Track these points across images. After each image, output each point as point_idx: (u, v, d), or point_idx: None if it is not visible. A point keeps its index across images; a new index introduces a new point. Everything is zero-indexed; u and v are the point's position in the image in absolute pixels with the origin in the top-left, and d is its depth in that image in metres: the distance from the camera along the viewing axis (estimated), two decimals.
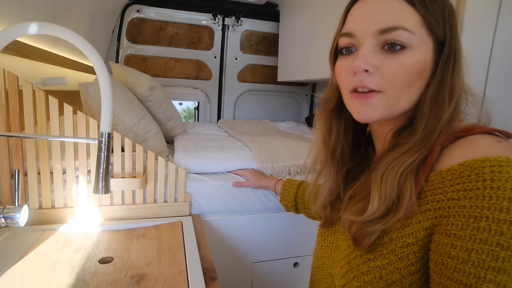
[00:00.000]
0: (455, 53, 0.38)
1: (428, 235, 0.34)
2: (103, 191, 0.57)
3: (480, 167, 0.31)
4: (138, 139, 1.19)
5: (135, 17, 2.24)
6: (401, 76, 0.38)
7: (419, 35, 0.37)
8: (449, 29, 0.38)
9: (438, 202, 0.33)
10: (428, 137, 0.38)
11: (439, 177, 0.34)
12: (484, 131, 0.36)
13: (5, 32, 0.46)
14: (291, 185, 0.88)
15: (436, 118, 0.38)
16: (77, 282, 0.63)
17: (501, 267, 0.27)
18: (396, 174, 0.38)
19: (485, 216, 0.29)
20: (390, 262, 0.37)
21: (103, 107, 0.52)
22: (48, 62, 1.21)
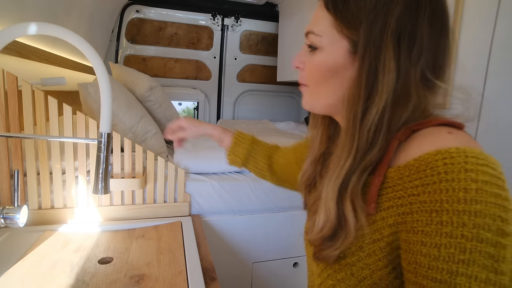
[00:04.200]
0: (376, 52, 0.36)
1: (393, 232, 0.34)
2: (103, 191, 0.56)
3: (433, 161, 0.31)
4: (138, 139, 1.18)
5: (134, 17, 2.24)
6: (314, 73, 0.43)
7: (327, 37, 0.40)
8: (367, 29, 0.37)
9: (399, 199, 0.34)
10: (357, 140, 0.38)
11: (397, 173, 0.34)
12: (437, 123, 0.36)
13: (4, 32, 0.46)
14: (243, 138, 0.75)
15: (355, 119, 0.38)
16: (77, 282, 0.63)
17: (470, 258, 0.27)
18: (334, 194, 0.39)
19: (445, 209, 0.29)
20: (359, 258, 0.37)
21: (103, 108, 0.52)
22: (47, 63, 1.21)
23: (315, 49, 0.42)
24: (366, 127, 0.37)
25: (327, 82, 0.42)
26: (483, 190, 0.29)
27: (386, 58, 0.36)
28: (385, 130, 0.37)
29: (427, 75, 0.38)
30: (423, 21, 0.36)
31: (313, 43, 0.42)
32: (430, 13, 0.36)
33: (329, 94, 0.42)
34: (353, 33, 0.38)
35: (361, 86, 0.37)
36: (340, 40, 0.40)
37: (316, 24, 0.42)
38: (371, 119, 0.36)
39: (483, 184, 0.29)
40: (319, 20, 0.41)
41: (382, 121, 0.36)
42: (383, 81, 0.36)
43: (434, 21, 0.37)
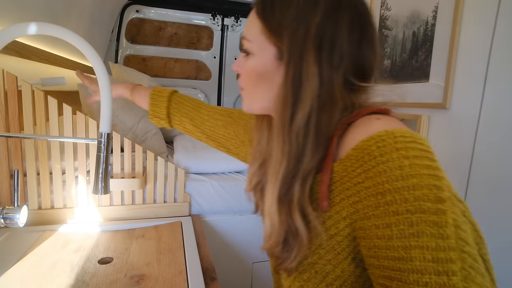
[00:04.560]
0: (299, 59, 0.38)
1: (348, 224, 0.35)
2: (103, 191, 0.56)
3: (368, 147, 0.33)
4: (138, 139, 1.18)
5: (134, 17, 2.24)
6: (248, 77, 0.45)
7: (257, 43, 0.42)
8: (290, 36, 0.38)
9: (348, 190, 0.35)
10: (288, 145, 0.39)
11: (341, 166, 0.36)
12: (367, 113, 0.38)
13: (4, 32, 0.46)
14: (160, 97, 0.72)
15: (284, 124, 0.39)
16: (77, 282, 0.63)
17: (418, 230, 0.29)
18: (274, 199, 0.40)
19: (387, 189, 0.31)
20: (320, 256, 0.38)
21: (103, 108, 0.52)
22: (47, 63, 1.21)
23: (247, 55, 0.44)
24: (294, 132, 0.38)
25: (259, 86, 0.44)
26: (416, 164, 0.30)
27: (308, 65, 0.37)
28: (314, 134, 0.38)
29: (350, 80, 0.39)
30: (342, 29, 0.38)
31: (246, 48, 0.44)
32: (348, 21, 0.38)
33: (263, 97, 0.44)
34: (278, 40, 0.40)
35: (287, 92, 0.39)
36: (268, 46, 0.41)
37: (248, 30, 0.43)
38: (298, 124, 0.38)
39: (414, 159, 0.31)
40: (251, 26, 0.43)
41: (309, 125, 0.38)
42: (306, 87, 0.37)
43: (353, 29, 0.39)
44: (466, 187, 0.75)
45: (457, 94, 0.79)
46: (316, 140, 0.38)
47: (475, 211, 0.78)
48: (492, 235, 0.70)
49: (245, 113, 0.65)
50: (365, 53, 0.40)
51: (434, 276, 0.28)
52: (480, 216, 0.73)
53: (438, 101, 0.83)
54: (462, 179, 0.76)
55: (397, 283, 0.30)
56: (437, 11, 0.84)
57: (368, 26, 0.41)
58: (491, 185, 0.70)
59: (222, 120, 0.69)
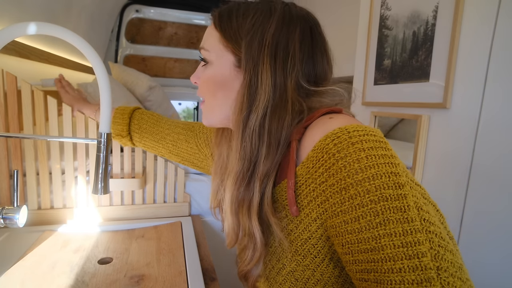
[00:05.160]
0: (255, 66, 0.40)
1: (319, 225, 0.36)
2: (102, 191, 0.56)
3: (325, 145, 0.34)
4: None
5: (134, 17, 2.23)
6: (205, 87, 0.47)
7: (215, 52, 0.44)
8: (247, 45, 0.41)
9: (313, 191, 0.35)
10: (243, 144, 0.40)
11: (304, 168, 0.37)
12: (321, 114, 0.39)
13: (3, 32, 0.46)
14: (122, 114, 0.73)
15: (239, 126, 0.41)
16: (77, 282, 0.62)
17: (384, 218, 0.30)
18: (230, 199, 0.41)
19: (350, 184, 0.32)
20: (298, 263, 0.38)
21: (102, 108, 0.52)
22: (46, 62, 1.21)
23: (205, 64, 0.46)
24: (248, 134, 0.40)
25: (217, 94, 0.45)
26: (371, 155, 0.32)
27: (263, 71, 0.40)
28: (267, 135, 0.40)
29: (301, 84, 0.42)
30: (294, 38, 0.41)
31: (205, 57, 0.46)
32: (299, 32, 0.42)
33: (222, 107, 0.46)
34: (236, 48, 0.42)
35: (244, 97, 0.41)
36: (226, 54, 0.44)
37: (206, 40, 0.46)
38: (252, 126, 0.40)
39: (370, 150, 0.32)
40: (209, 36, 0.46)
41: (262, 127, 0.40)
42: (261, 91, 0.40)
43: (304, 39, 0.42)
44: (466, 187, 0.75)
45: (457, 94, 0.79)
46: (269, 142, 0.40)
47: (475, 211, 0.78)
48: (492, 235, 0.70)
49: (206, 127, 0.67)
50: (317, 61, 0.43)
51: (406, 261, 0.28)
52: (480, 216, 0.73)
53: (438, 101, 0.83)
54: (462, 179, 0.76)
55: (373, 274, 0.30)
56: (437, 11, 0.84)
57: (318, 36, 0.44)
58: (491, 185, 0.70)
59: (184, 134, 0.69)
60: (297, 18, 0.43)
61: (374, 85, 1.09)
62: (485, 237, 0.71)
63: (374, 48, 1.10)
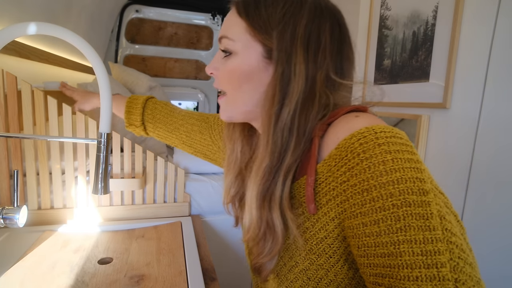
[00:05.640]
0: (288, 58, 0.39)
1: (337, 224, 0.35)
2: (102, 191, 0.56)
3: (350, 144, 0.33)
4: (137, 139, 1.18)
5: (134, 17, 2.23)
6: (226, 79, 0.44)
7: (241, 42, 0.42)
8: (279, 36, 0.39)
9: (334, 190, 0.35)
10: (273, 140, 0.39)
11: (325, 166, 0.36)
12: (345, 112, 0.39)
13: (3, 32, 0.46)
14: (135, 104, 0.72)
15: (270, 121, 0.40)
16: (76, 283, 0.62)
17: (405, 224, 0.29)
18: (256, 194, 0.40)
19: (373, 186, 0.31)
20: (311, 262, 0.38)
21: (102, 108, 0.52)
22: (46, 63, 1.21)
23: (230, 54, 0.44)
24: (280, 127, 0.39)
25: (242, 87, 0.43)
26: (398, 158, 0.31)
27: (296, 63, 0.39)
28: (297, 129, 0.39)
29: (330, 77, 0.41)
30: (325, 31, 0.40)
31: (227, 48, 0.43)
32: (330, 25, 0.41)
33: (246, 100, 0.44)
34: (265, 38, 0.40)
35: (275, 90, 0.40)
36: (254, 44, 0.42)
37: (229, 29, 0.43)
38: (284, 119, 0.39)
39: (396, 153, 0.31)
40: (232, 25, 0.43)
41: (294, 120, 0.39)
42: (294, 84, 0.39)
43: (334, 32, 0.41)
44: (466, 187, 0.75)
45: (457, 94, 0.79)
46: (297, 135, 0.39)
47: (475, 210, 0.79)
48: (492, 235, 0.70)
49: (221, 119, 0.65)
50: (344, 54, 0.43)
51: (424, 270, 0.28)
52: (480, 216, 0.73)
53: (438, 101, 0.83)
54: (462, 179, 0.76)
55: (388, 280, 0.29)
56: (437, 11, 0.84)
57: (345, 29, 0.43)
58: (491, 185, 0.70)
59: (198, 125, 0.68)
60: (327, 10, 0.42)
61: (374, 85, 1.09)
62: (485, 237, 0.71)
63: (374, 48, 1.10)
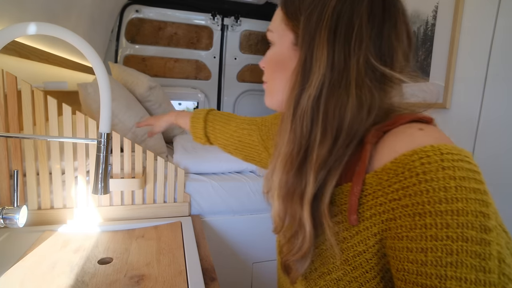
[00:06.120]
0: (310, 42, 0.37)
1: (378, 240, 0.33)
2: (102, 191, 0.56)
3: (410, 162, 0.30)
4: (137, 139, 1.18)
5: (134, 17, 2.23)
6: (266, 68, 0.46)
7: (278, 32, 0.43)
8: (305, 20, 0.37)
9: (381, 206, 0.32)
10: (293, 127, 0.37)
11: (375, 178, 0.33)
12: (407, 121, 0.35)
13: (3, 32, 0.46)
14: (198, 119, 0.76)
15: (290, 106, 0.38)
16: (76, 283, 0.62)
17: (457, 260, 0.27)
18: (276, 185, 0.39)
19: (428, 211, 0.28)
20: (346, 272, 0.35)
21: (102, 108, 0.52)
22: (46, 63, 1.21)
23: (271, 46, 0.45)
24: (300, 114, 0.37)
25: (277, 75, 0.44)
26: (462, 186, 0.28)
27: (318, 46, 0.36)
28: (323, 118, 0.36)
29: (372, 64, 0.36)
30: (359, 10, 0.35)
31: (269, 40, 0.45)
32: (368, 3, 0.36)
33: (279, 89, 0.43)
34: (295, 25, 0.40)
35: (297, 75, 0.38)
36: (286, 33, 0.41)
37: (272, 22, 0.44)
38: (304, 106, 0.36)
39: (461, 181, 0.28)
40: (275, 18, 0.44)
41: (317, 108, 0.36)
42: (315, 69, 0.36)
43: (374, 10, 0.36)
44: None
45: (457, 94, 0.79)
46: (324, 127, 0.36)
47: None
48: None
49: (268, 119, 0.67)
50: (391, 39, 0.37)
51: None
52: None
53: (438, 101, 0.83)
54: None
55: None
56: (437, 11, 0.84)
57: (393, 8, 0.37)
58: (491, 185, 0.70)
59: (247, 128, 0.70)
60: None
61: None
62: None
63: None
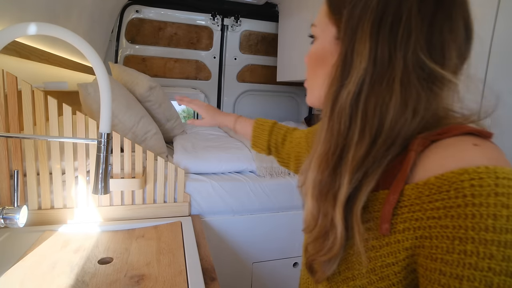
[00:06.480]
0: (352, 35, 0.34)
1: (409, 255, 0.31)
2: (103, 191, 0.56)
3: (458, 181, 0.27)
4: (138, 139, 1.18)
5: (134, 18, 2.24)
6: (307, 64, 0.44)
7: (320, 26, 0.41)
8: (348, 13, 0.35)
9: (417, 221, 0.30)
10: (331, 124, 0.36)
11: (415, 191, 0.31)
12: (461, 132, 0.32)
13: (4, 32, 0.46)
14: (262, 130, 0.76)
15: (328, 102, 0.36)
16: (77, 282, 0.62)
17: None
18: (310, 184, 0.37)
19: (471, 238, 0.26)
20: (371, 281, 0.34)
21: (102, 108, 0.52)
22: (47, 63, 1.21)
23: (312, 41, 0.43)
24: (338, 112, 0.35)
25: (317, 71, 0.42)
26: None
27: (360, 40, 0.33)
28: (362, 117, 0.33)
29: (421, 58, 0.32)
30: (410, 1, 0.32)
31: (313, 33, 0.43)
32: None
33: (320, 85, 0.40)
34: (338, 18, 0.37)
35: (337, 70, 0.36)
36: (329, 27, 0.39)
37: (316, 17, 0.42)
38: (342, 103, 0.34)
39: None
40: (319, 12, 0.42)
41: (356, 106, 0.34)
42: (355, 64, 0.34)
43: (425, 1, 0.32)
44: None
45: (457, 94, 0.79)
46: (362, 126, 0.33)
47: None
48: None
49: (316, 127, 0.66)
50: (436, 31, 0.33)
51: None
52: None
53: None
54: None
55: None
56: None
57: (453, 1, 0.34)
58: None
59: (299, 137, 0.69)
60: None
61: None
62: None
63: None
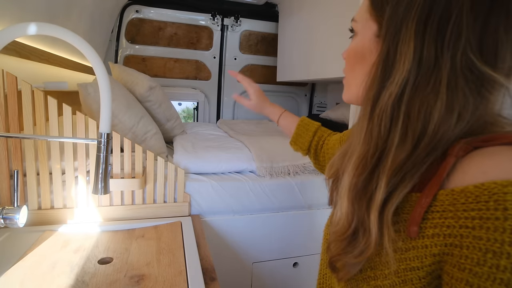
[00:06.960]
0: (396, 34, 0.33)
1: (436, 262, 0.30)
2: (102, 191, 0.57)
3: (501, 193, 0.26)
4: (137, 139, 1.18)
5: (134, 17, 2.24)
6: (346, 60, 0.43)
7: (361, 22, 0.40)
8: (391, 9, 0.33)
9: (448, 228, 0.29)
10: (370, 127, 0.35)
11: (450, 197, 0.29)
12: (508, 141, 0.30)
13: (4, 32, 0.46)
14: (307, 130, 0.74)
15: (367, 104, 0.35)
16: (77, 282, 0.63)
17: None
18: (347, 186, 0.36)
19: (506, 253, 0.25)
20: (393, 284, 0.33)
21: (102, 108, 0.52)
22: (47, 63, 1.21)
23: (352, 36, 0.42)
24: (378, 114, 0.33)
25: (355, 68, 0.41)
26: None
27: (405, 40, 0.32)
28: (404, 119, 0.32)
29: (471, 60, 0.30)
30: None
31: (353, 30, 0.42)
32: None
33: (358, 83, 0.39)
34: (380, 15, 0.36)
35: (377, 70, 0.34)
36: (369, 23, 0.38)
37: (358, 12, 0.41)
38: (383, 105, 0.33)
39: None
40: (361, 7, 0.41)
41: (398, 108, 0.32)
42: (398, 65, 0.32)
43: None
44: None
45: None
46: (404, 129, 0.32)
47: None
48: None
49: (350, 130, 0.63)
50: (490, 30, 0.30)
51: None
52: None
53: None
54: None
55: None
56: None
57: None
58: None
59: (334, 140, 0.68)
60: None
61: None
62: None
63: None
